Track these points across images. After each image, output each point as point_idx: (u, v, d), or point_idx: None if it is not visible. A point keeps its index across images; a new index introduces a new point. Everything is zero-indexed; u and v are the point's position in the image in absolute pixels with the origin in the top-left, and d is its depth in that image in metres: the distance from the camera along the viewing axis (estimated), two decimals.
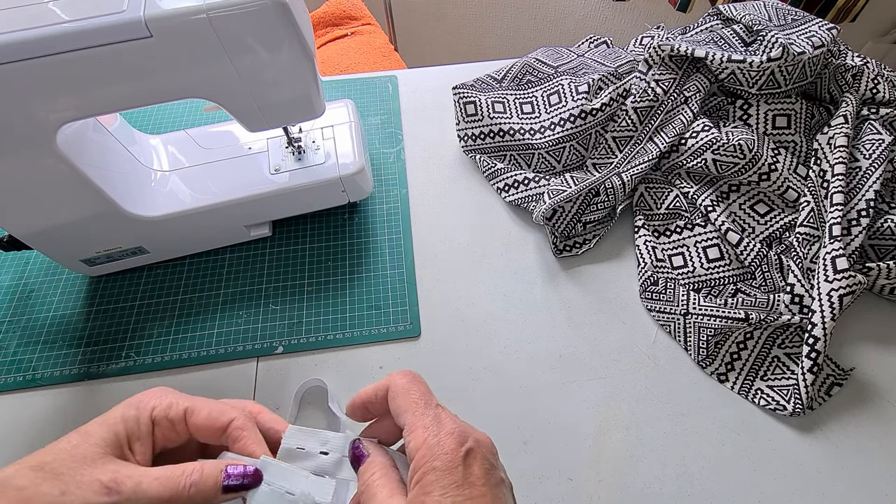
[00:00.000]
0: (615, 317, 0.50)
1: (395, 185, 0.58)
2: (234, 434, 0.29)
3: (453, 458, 0.24)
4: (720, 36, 0.56)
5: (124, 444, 0.27)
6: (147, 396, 0.29)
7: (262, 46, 0.37)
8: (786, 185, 0.51)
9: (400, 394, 0.27)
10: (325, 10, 1.16)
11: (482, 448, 0.25)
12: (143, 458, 0.28)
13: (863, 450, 0.42)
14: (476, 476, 0.24)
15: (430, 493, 0.23)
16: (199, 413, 0.29)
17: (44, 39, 0.32)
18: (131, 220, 0.46)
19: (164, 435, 0.29)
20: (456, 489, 0.23)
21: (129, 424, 0.28)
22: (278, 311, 0.50)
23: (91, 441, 0.26)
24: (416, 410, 0.26)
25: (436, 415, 0.26)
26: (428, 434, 0.25)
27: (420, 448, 0.25)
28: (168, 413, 0.29)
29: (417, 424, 0.26)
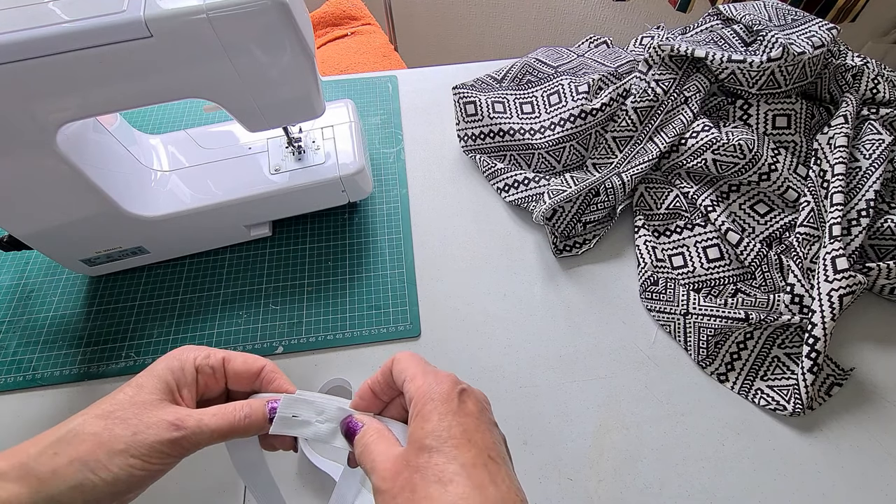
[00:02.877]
0: (615, 317, 0.50)
1: (395, 185, 0.58)
2: (269, 377, 0.33)
3: (450, 393, 0.27)
4: (720, 36, 0.56)
5: (175, 390, 0.30)
6: (185, 349, 0.32)
7: (262, 46, 0.37)
8: (786, 185, 0.51)
9: (402, 360, 0.30)
10: (325, 10, 1.16)
11: (475, 392, 0.28)
12: (190, 404, 0.31)
13: (863, 450, 0.42)
14: (470, 409, 0.27)
15: (429, 419, 0.26)
16: (236, 360, 0.32)
17: (44, 39, 0.32)
18: (131, 220, 0.46)
19: (206, 382, 0.32)
20: (452, 416, 0.26)
21: (177, 374, 0.30)
22: (278, 311, 0.50)
23: (146, 390, 0.29)
24: (417, 368, 0.29)
25: (434, 369, 0.29)
26: (427, 379, 0.28)
27: (419, 389, 0.27)
28: (208, 361, 0.32)
29: (417, 374, 0.28)
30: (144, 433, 0.27)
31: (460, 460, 0.24)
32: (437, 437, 0.25)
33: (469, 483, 0.24)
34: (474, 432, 0.26)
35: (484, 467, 0.25)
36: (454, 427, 0.25)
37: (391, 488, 0.25)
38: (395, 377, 0.30)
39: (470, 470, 0.24)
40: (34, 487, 0.26)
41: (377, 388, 0.31)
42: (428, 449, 0.25)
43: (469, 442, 0.25)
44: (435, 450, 0.25)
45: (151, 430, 0.27)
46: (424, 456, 0.25)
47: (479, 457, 0.25)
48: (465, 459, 0.25)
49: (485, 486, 0.24)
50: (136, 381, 0.30)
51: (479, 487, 0.24)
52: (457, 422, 0.26)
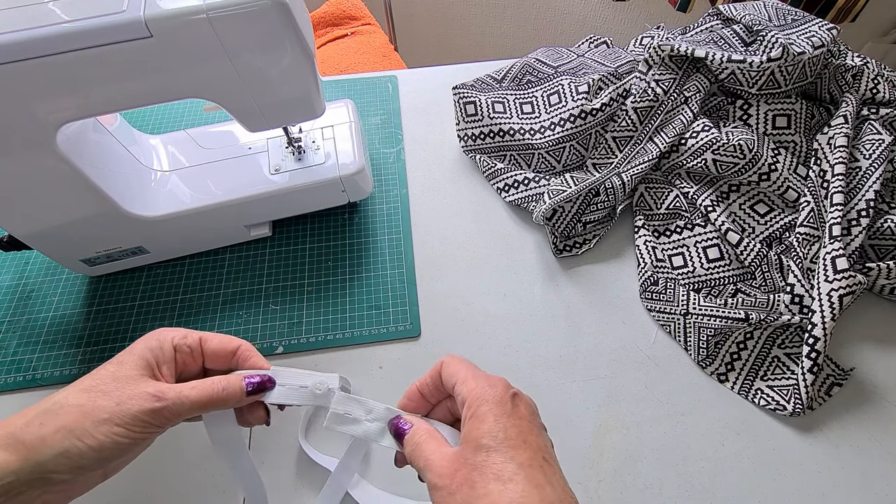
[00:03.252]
0: (615, 317, 0.50)
1: (395, 185, 0.58)
2: (244, 355, 0.35)
3: (503, 396, 0.28)
4: (720, 36, 0.56)
5: (154, 367, 0.31)
6: (161, 331, 0.33)
7: (263, 46, 0.37)
8: (786, 185, 0.51)
9: (452, 363, 0.31)
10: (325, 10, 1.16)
11: (526, 397, 0.29)
12: (170, 380, 0.32)
13: (863, 450, 0.42)
14: (523, 413, 0.28)
15: (485, 420, 0.27)
16: (213, 340, 0.34)
17: (44, 39, 0.32)
18: (131, 220, 0.46)
19: (184, 361, 0.33)
20: (507, 418, 0.27)
21: (156, 352, 0.32)
22: (278, 311, 0.50)
23: (127, 366, 0.31)
24: (468, 372, 0.30)
25: (484, 373, 0.30)
26: (479, 382, 0.28)
27: (473, 391, 0.28)
28: (186, 340, 0.33)
29: (469, 377, 0.29)
30: (127, 403, 0.29)
31: (518, 460, 0.25)
32: (494, 438, 0.26)
33: (527, 482, 0.24)
34: (528, 434, 0.27)
35: (540, 468, 0.25)
36: (510, 428, 0.26)
37: (449, 485, 0.26)
38: (444, 381, 0.30)
39: (527, 470, 0.25)
40: (22, 455, 0.27)
41: (426, 390, 0.32)
42: (486, 448, 0.26)
43: (525, 443, 0.26)
44: (493, 449, 0.26)
45: (134, 401, 0.29)
46: (482, 454, 0.26)
47: (535, 458, 0.26)
48: (523, 459, 0.25)
49: (542, 485, 0.25)
50: (116, 359, 0.31)
51: (537, 487, 0.24)
52: (512, 423, 0.26)
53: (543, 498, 0.24)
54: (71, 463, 0.27)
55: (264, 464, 0.42)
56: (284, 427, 0.44)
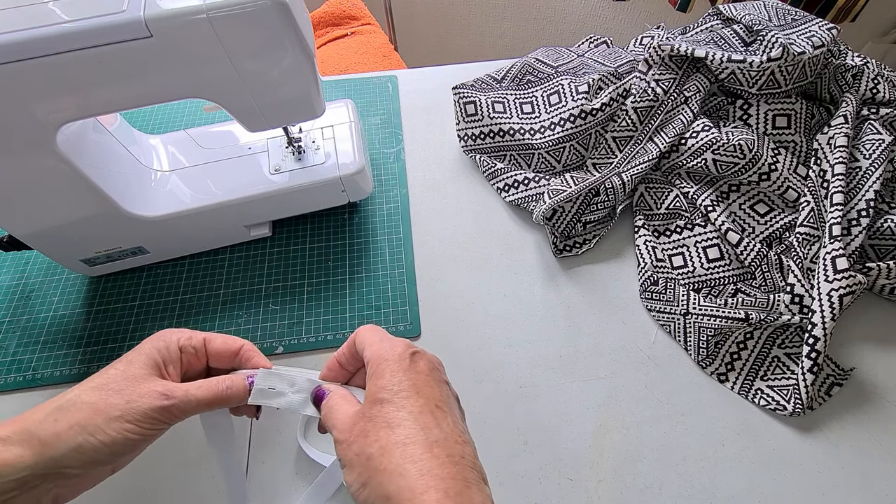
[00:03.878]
0: (615, 317, 0.50)
1: (395, 185, 0.58)
2: (247, 355, 0.36)
3: (402, 354, 0.30)
4: (720, 36, 0.56)
5: (161, 367, 0.33)
6: (167, 332, 0.35)
7: (262, 46, 0.37)
8: (786, 185, 0.51)
9: (363, 331, 0.32)
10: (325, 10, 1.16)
11: (428, 356, 0.31)
12: (176, 380, 0.33)
13: (863, 450, 0.42)
14: (421, 368, 0.29)
15: (383, 375, 0.29)
16: (216, 340, 0.36)
17: (44, 39, 0.32)
18: (131, 220, 0.46)
19: (189, 361, 0.35)
20: (403, 373, 0.29)
21: (163, 352, 0.33)
22: (278, 311, 0.50)
23: (136, 366, 0.32)
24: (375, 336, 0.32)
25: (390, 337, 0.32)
26: (383, 343, 0.31)
27: (376, 352, 0.30)
28: (191, 341, 0.35)
29: (375, 341, 0.31)
30: (137, 401, 0.30)
31: (408, 408, 0.27)
32: (389, 391, 0.28)
33: (415, 426, 0.26)
34: (423, 386, 0.29)
35: (430, 414, 0.27)
36: (404, 381, 0.28)
37: (348, 437, 0.28)
38: (357, 348, 0.32)
39: (416, 415, 0.27)
40: (37, 450, 0.28)
41: (342, 359, 0.34)
42: (380, 401, 0.28)
43: (417, 393, 0.28)
44: (387, 401, 0.28)
45: (144, 399, 0.30)
46: (377, 407, 0.28)
47: (427, 405, 0.28)
48: (413, 407, 0.27)
49: (429, 427, 0.27)
50: (125, 359, 0.32)
51: (423, 429, 0.26)
52: (407, 377, 0.28)
53: (428, 437, 0.26)
54: (84, 458, 0.29)
55: (264, 463, 0.42)
56: (284, 426, 0.44)
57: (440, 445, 0.26)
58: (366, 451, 0.26)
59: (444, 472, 0.25)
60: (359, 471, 0.26)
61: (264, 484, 0.41)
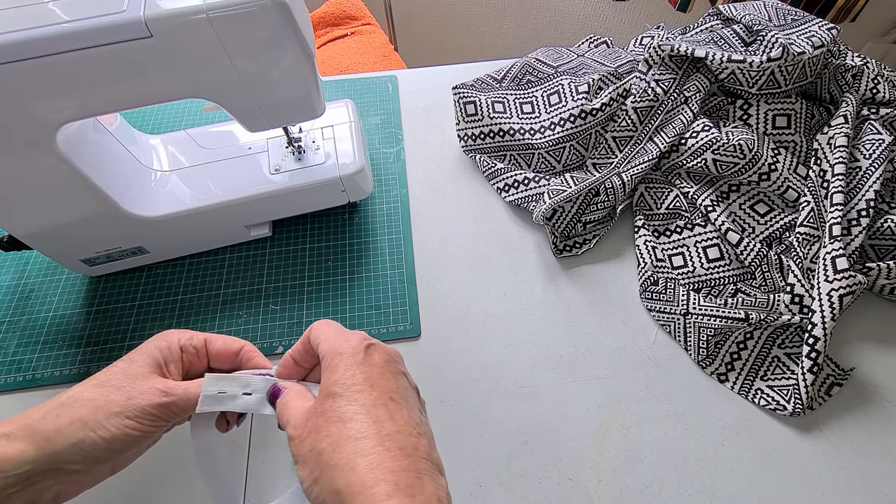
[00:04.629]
0: (615, 317, 0.50)
1: (395, 185, 0.58)
2: (247, 355, 0.36)
3: (357, 347, 0.29)
4: (720, 36, 0.56)
5: (162, 366, 0.33)
6: (169, 332, 0.35)
7: (262, 46, 0.37)
8: (786, 185, 0.51)
9: (317, 327, 0.32)
10: (325, 10, 1.16)
11: (384, 348, 0.30)
12: (177, 378, 0.34)
13: (863, 450, 0.42)
14: (376, 360, 0.29)
15: (336, 370, 0.28)
16: (217, 340, 0.36)
17: (44, 39, 0.32)
18: (131, 220, 0.46)
19: (190, 361, 0.35)
20: (357, 366, 0.28)
21: (164, 352, 0.34)
22: (278, 311, 0.50)
23: (137, 364, 0.32)
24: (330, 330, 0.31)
25: (345, 331, 0.31)
26: (338, 337, 0.30)
27: (330, 347, 0.29)
28: (192, 341, 0.35)
29: (330, 335, 0.30)
30: (137, 398, 0.30)
31: (360, 402, 0.27)
32: (342, 385, 0.27)
33: (367, 419, 0.26)
34: (377, 378, 0.28)
35: (384, 406, 0.27)
36: (357, 375, 0.28)
37: (301, 434, 0.27)
38: (312, 343, 0.32)
39: (369, 409, 0.26)
40: (39, 445, 0.28)
41: (297, 356, 0.33)
42: (333, 395, 0.27)
43: (371, 387, 0.27)
44: (339, 395, 0.27)
45: (144, 396, 0.31)
46: (328, 401, 0.27)
47: (380, 398, 0.27)
48: (366, 401, 0.27)
49: (382, 421, 0.26)
50: (127, 357, 0.33)
51: (376, 423, 0.26)
52: (360, 371, 0.28)
53: (380, 430, 0.26)
54: (84, 453, 0.29)
55: (264, 463, 0.42)
56: None
57: (392, 438, 0.26)
58: (317, 446, 0.26)
59: (395, 465, 0.25)
60: (311, 466, 0.26)
61: (265, 483, 0.41)
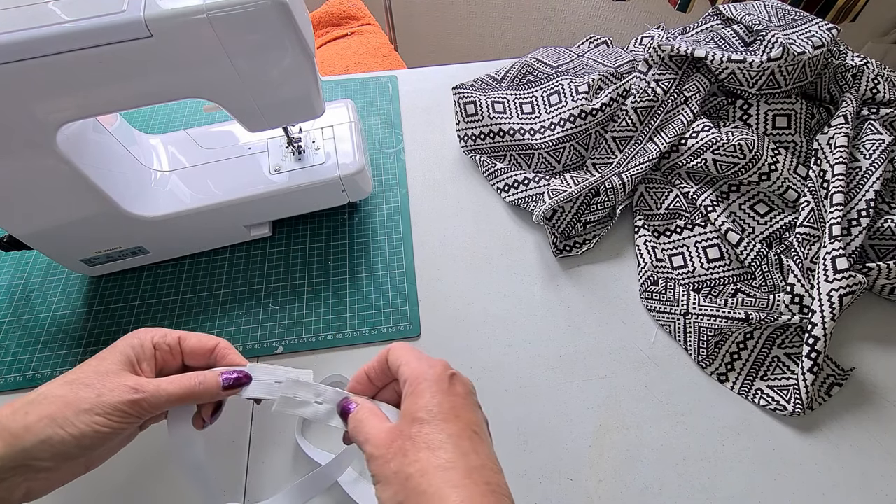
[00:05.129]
0: (615, 317, 0.50)
1: (395, 185, 0.58)
2: (222, 353, 0.36)
3: (441, 375, 0.30)
4: (720, 36, 0.56)
5: (135, 363, 0.33)
6: (142, 330, 0.35)
7: (262, 46, 0.37)
8: (786, 185, 0.51)
9: (398, 348, 0.32)
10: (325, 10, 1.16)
11: (464, 378, 0.31)
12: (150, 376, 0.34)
13: (863, 450, 0.42)
14: (458, 391, 0.30)
15: (422, 396, 0.29)
16: (191, 338, 0.36)
17: (44, 39, 0.32)
18: (131, 220, 0.46)
19: (164, 358, 0.35)
20: (442, 395, 0.29)
21: (136, 349, 0.34)
22: (278, 311, 0.50)
23: (108, 362, 0.32)
24: (411, 355, 0.32)
25: (427, 356, 0.32)
26: (421, 363, 0.31)
27: (414, 371, 0.30)
28: (165, 339, 0.35)
29: (412, 360, 0.31)
30: (107, 395, 0.30)
31: (448, 431, 0.27)
32: (429, 412, 0.28)
33: (455, 450, 0.27)
34: (461, 409, 0.29)
35: (469, 439, 0.28)
36: (444, 403, 0.28)
37: (385, 454, 0.28)
38: (390, 364, 0.32)
39: (456, 440, 0.27)
40: (8, 441, 0.28)
41: (372, 374, 0.34)
42: (420, 421, 0.28)
43: (457, 417, 0.28)
44: (426, 422, 0.28)
45: (114, 393, 0.31)
46: (416, 426, 0.28)
47: (465, 430, 0.28)
48: (452, 431, 0.27)
49: (468, 454, 0.27)
50: (98, 356, 0.33)
51: (463, 455, 0.27)
52: (446, 399, 0.29)
53: (468, 464, 0.26)
54: (53, 450, 0.29)
55: (264, 464, 0.42)
56: (284, 426, 0.44)
57: (478, 472, 0.26)
58: (404, 470, 0.26)
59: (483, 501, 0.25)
60: (395, 489, 0.26)
61: (265, 483, 0.41)
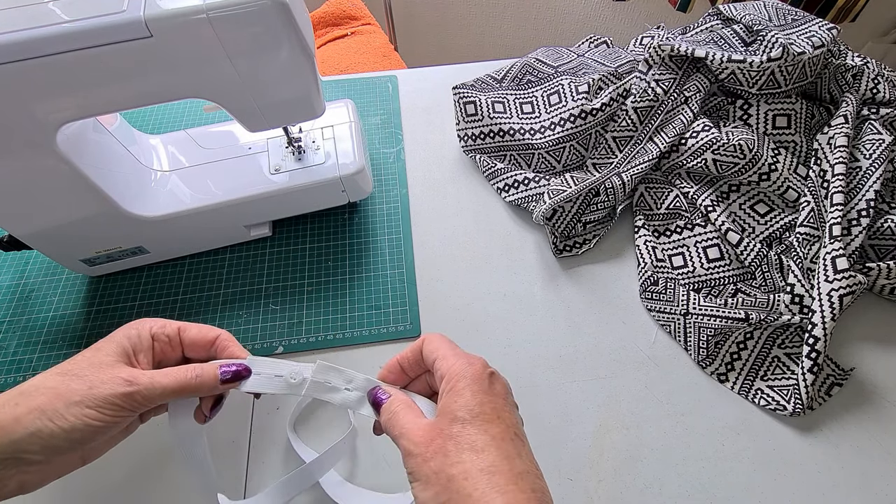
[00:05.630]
0: (615, 317, 0.50)
1: (395, 185, 0.58)
2: (222, 345, 0.35)
3: (481, 374, 0.29)
4: (720, 36, 0.56)
5: (131, 355, 0.32)
6: (142, 321, 0.34)
7: (262, 46, 0.37)
8: (786, 185, 0.51)
9: (434, 340, 0.32)
10: (325, 10, 1.16)
11: (503, 378, 0.31)
12: (147, 368, 0.33)
13: (863, 450, 0.42)
14: (498, 390, 0.29)
15: (462, 394, 0.28)
16: (191, 329, 0.35)
17: (44, 39, 0.32)
18: (131, 220, 0.46)
19: (163, 350, 0.34)
20: (483, 394, 0.28)
21: (133, 340, 0.33)
22: (278, 311, 0.50)
23: (104, 352, 0.32)
24: (449, 349, 0.31)
25: (464, 352, 0.31)
26: (459, 359, 0.30)
27: (452, 367, 0.29)
28: (164, 330, 0.34)
29: (449, 355, 0.30)
30: (99, 387, 0.30)
31: (491, 433, 0.27)
32: (470, 411, 0.27)
33: (499, 453, 0.26)
34: (502, 410, 0.28)
35: (511, 441, 0.27)
36: (486, 404, 0.28)
37: (424, 452, 0.27)
38: (425, 356, 0.32)
39: (499, 442, 0.26)
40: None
41: (406, 364, 0.33)
42: (461, 420, 0.27)
43: (499, 418, 0.28)
44: (468, 422, 0.27)
45: (107, 385, 0.30)
46: (458, 426, 0.27)
47: (507, 432, 0.27)
48: (495, 433, 0.27)
49: (512, 457, 0.26)
50: (95, 346, 0.32)
51: (507, 458, 0.26)
52: (487, 399, 0.28)
53: (512, 468, 0.26)
54: (42, 443, 0.28)
55: (264, 463, 0.42)
56: (284, 423, 0.44)
57: (524, 479, 0.26)
58: (446, 471, 0.26)
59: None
60: (436, 490, 0.26)
61: (265, 482, 0.41)
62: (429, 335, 0.32)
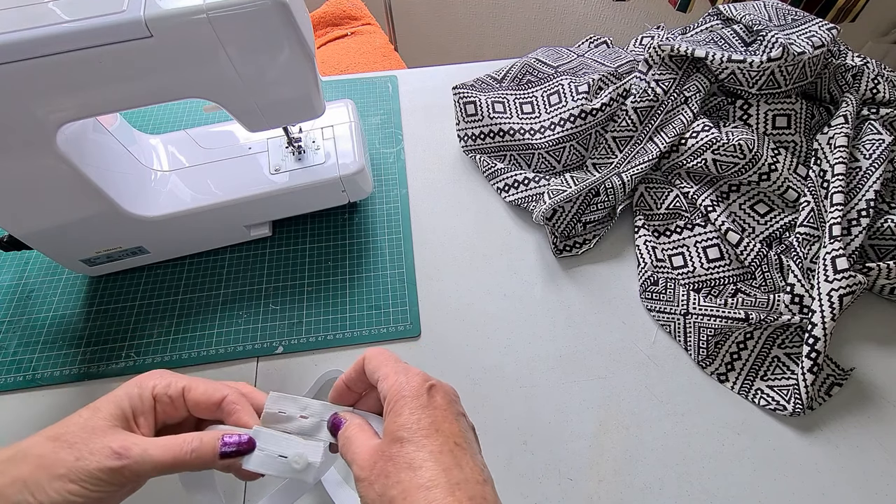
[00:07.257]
0: (615, 317, 0.50)
1: (395, 185, 0.58)
2: (229, 408, 0.32)
3: (419, 389, 0.29)
4: (720, 36, 0.56)
5: (130, 417, 0.30)
6: (147, 376, 0.32)
7: (262, 46, 0.37)
8: (786, 185, 0.51)
9: (374, 356, 0.32)
10: (325, 10, 1.16)
11: (444, 387, 0.30)
12: (147, 432, 0.31)
13: (863, 450, 0.42)
14: (439, 403, 0.29)
15: (401, 413, 0.28)
16: (196, 389, 0.32)
17: (44, 39, 0.32)
18: (131, 220, 0.46)
19: (165, 410, 0.32)
20: (422, 409, 0.28)
21: (134, 401, 0.31)
22: (278, 311, 0.50)
23: (100, 415, 0.29)
24: (388, 364, 0.31)
25: (404, 366, 0.31)
26: (398, 377, 0.30)
27: (392, 387, 0.29)
28: (168, 390, 0.32)
29: (389, 372, 0.30)
30: (87, 459, 0.27)
31: (428, 448, 0.27)
32: (409, 430, 0.28)
33: (436, 467, 0.26)
34: (442, 422, 0.28)
35: (450, 453, 0.27)
36: (423, 419, 0.28)
37: (368, 476, 0.27)
38: (367, 374, 0.32)
39: (437, 456, 0.27)
40: None
41: (350, 382, 0.33)
42: (400, 440, 0.27)
43: (437, 431, 0.28)
44: (406, 440, 0.27)
45: (94, 457, 0.28)
46: (396, 446, 0.27)
47: (446, 444, 0.27)
48: (433, 447, 0.27)
49: (450, 469, 0.26)
50: (94, 405, 0.30)
51: (445, 470, 0.26)
52: (426, 414, 0.28)
53: (450, 479, 0.26)
54: None
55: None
56: None
57: (461, 488, 0.26)
58: (388, 492, 0.26)
59: None
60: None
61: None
62: (369, 351, 0.32)
